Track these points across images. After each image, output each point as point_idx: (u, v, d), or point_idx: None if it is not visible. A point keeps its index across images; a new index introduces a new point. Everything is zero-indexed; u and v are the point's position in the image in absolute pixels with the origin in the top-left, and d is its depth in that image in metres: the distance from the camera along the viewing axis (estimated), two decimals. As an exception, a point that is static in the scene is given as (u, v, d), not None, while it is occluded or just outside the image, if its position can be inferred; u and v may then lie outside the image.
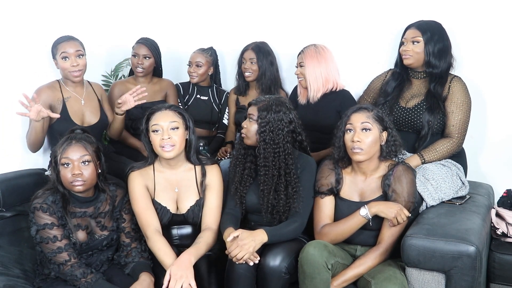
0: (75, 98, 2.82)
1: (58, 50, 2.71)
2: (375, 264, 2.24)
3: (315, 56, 2.86)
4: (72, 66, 2.71)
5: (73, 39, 2.75)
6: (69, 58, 2.71)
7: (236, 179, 2.43)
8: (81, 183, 2.22)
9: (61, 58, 2.70)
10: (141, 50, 3.17)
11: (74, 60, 2.71)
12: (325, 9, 3.16)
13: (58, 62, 2.73)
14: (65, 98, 2.78)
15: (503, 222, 2.57)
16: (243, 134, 2.41)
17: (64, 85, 2.81)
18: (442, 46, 2.64)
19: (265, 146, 2.33)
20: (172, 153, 2.31)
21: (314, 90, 2.88)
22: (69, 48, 2.70)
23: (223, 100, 3.41)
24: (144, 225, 2.32)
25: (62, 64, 2.72)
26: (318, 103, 2.91)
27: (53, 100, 2.75)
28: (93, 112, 2.87)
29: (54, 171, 2.25)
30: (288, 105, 2.41)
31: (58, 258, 2.19)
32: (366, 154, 2.27)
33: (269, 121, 2.33)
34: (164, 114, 2.34)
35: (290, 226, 2.31)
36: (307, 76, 2.87)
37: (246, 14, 3.39)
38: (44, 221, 2.20)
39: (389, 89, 2.77)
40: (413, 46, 2.66)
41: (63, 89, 2.80)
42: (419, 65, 2.70)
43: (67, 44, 2.71)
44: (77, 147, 2.23)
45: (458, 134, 2.61)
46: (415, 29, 2.67)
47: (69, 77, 2.75)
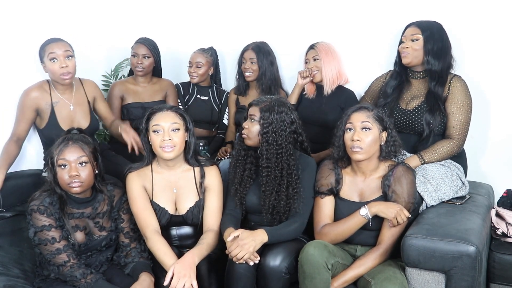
0: (63, 103, 2.73)
1: (46, 52, 2.60)
2: (375, 264, 2.24)
3: (329, 51, 2.95)
4: (61, 68, 2.60)
5: (61, 40, 2.64)
6: (58, 59, 2.59)
7: (236, 180, 2.43)
8: (79, 184, 2.20)
9: (49, 59, 2.59)
10: (140, 49, 3.17)
11: (63, 61, 2.60)
12: (325, 9, 3.16)
13: (46, 65, 2.62)
14: (54, 102, 2.70)
15: (503, 222, 2.56)
16: (244, 134, 2.41)
17: (54, 87, 2.72)
18: (441, 46, 2.63)
19: (267, 147, 2.33)
20: (171, 154, 2.31)
21: (330, 82, 2.94)
22: (57, 49, 2.59)
23: (223, 100, 3.41)
24: (143, 226, 2.32)
25: (51, 67, 2.60)
26: (323, 98, 2.95)
27: (41, 103, 2.67)
28: (83, 117, 2.79)
29: (51, 172, 2.23)
30: (290, 105, 2.41)
31: (57, 259, 2.19)
32: (365, 154, 2.27)
33: (271, 122, 2.33)
34: (166, 115, 2.33)
35: (290, 226, 2.31)
36: (324, 68, 2.92)
37: (246, 14, 3.39)
38: (41, 223, 2.19)
39: (389, 89, 2.77)
40: (412, 43, 2.64)
41: (52, 92, 2.70)
42: (417, 64, 2.69)
43: (55, 45, 2.61)
44: (74, 148, 2.22)
45: (459, 135, 2.60)
46: (415, 27, 2.66)
47: (59, 80, 2.65)
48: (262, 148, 2.34)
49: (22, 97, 2.67)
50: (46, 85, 2.72)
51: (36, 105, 2.67)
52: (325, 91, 2.94)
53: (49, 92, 2.70)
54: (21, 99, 2.67)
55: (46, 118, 2.68)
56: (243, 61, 3.24)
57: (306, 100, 3.03)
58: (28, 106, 2.66)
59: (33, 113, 2.68)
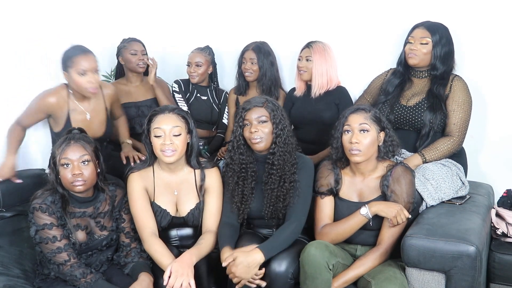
0: (80, 111, 2.68)
1: (74, 64, 2.53)
2: (375, 265, 2.24)
3: (323, 54, 2.91)
4: (88, 83, 2.56)
5: (90, 53, 2.58)
6: (86, 74, 2.55)
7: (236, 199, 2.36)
8: (82, 183, 2.22)
9: (77, 73, 2.53)
10: (138, 47, 3.19)
11: (92, 77, 2.56)
12: (325, 9, 3.16)
13: (71, 76, 2.55)
14: (70, 110, 2.64)
15: (503, 222, 2.56)
16: (257, 139, 2.31)
17: (72, 95, 2.65)
18: (448, 50, 2.65)
19: (281, 146, 2.30)
20: (172, 158, 2.30)
21: (319, 86, 2.92)
22: (87, 64, 2.54)
23: (222, 99, 3.41)
24: (140, 228, 2.31)
25: (78, 79, 2.55)
26: (317, 97, 2.94)
27: (57, 111, 2.62)
28: (98, 126, 2.75)
29: (53, 172, 2.24)
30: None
31: (57, 258, 2.19)
32: (364, 156, 2.27)
33: (280, 119, 2.33)
34: (167, 117, 2.31)
35: (286, 232, 2.27)
36: (314, 71, 2.91)
37: (246, 14, 3.38)
38: (43, 221, 2.20)
39: (390, 88, 2.77)
40: (421, 46, 2.65)
41: (70, 100, 2.64)
42: (424, 66, 2.70)
43: (85, 59, 2.54)
44: (76, 147, 2.23)
45: (459, 132, 2.60)
46: (424, 29, 2.66)
47: (83, 92, 2.60)
48: (276, 147, 2.30)
49: (39, 100, 2.61)
50: (65, 91, 2.65)
51: (51, 111, 2.63)
52: (313, 93, 2.93)
53: (67, 99, 2.64)
54: (37, 101, 2.62)
55: (61, 123, 2.65)
56: (243, 61, 3.23)
57: (299, 101, 3.00)
58: (42, 109, 2.62)
59: (44, 116, 2.66)
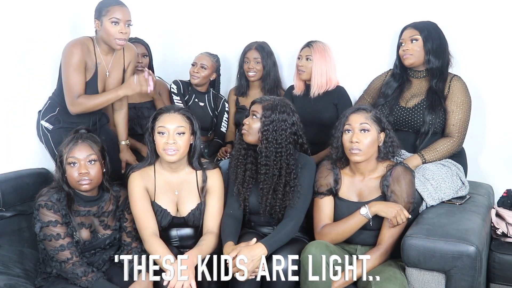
0: (103, 66, 2.67)
1: (109, 13, 2.55)
2: (375, 265, 2.24)
3: (324, 54, 2.90)
4: (120, 33, 2.56)
5: (126, 6, 2.61)
6: (119, 24, 2.55)
7: (238, 180, 2.41)
8: (88, 182, 2.25)
9: (111, 22, 2.54)
10: (139, 48, 3.17)
11: (124, 28, 2.57)
12: (325, 9, 3.16)
13: (104, 24, 2.56)
14: (98, 63, 2.63)
15: (503, 222, 2.57)
16: (244, 130, 2.40)
17: (98, 47, 2.64)
18: (439, 43, 2.66)
19: (267, 145, 2.32)
20: (174, 157, 2.30)
21: (318, 86, 2.91)
22: (122, 15, 2.56)
23: (220, 108, 3.37)
24: (141, 227, 2.31)
25: (110, 29, 2.55)
26: (316, 97, 2.93)
27: (88, 60, 2.59)
28: (114, 86, 2.72)
29: (60, 170, 2.27)
30: (292, 107, 2.41)
31: (60, 256, 2.21)
32: (364, 155, 2.27)
33: (273, 120, 2.32)
34: (172, 117, 2.32)
35: (286, 228, 2.28)
36: (314, 71, 2.90)
37: (245, 14, 3.38)
38: (48, 218, 2.22)
39: (389, 91, 2.77)
40: (412, 44, 2.67)
41: (97, 52, 2.63)
42: (420, 64, 2.70)
43: (120, 9, 2.57)
44: (84, 146, 2.26)
45: (459, 133, 2.61)
46: (412, 29, 2.69)
47: (112, 43, 2.59)
48: (261, 146, 2.34)
49: (70, 50, 2.56)
50: (90, 43, 2.64)
51: (83, 60, 2.58)
52: (312, 93, 2.92)
53: (94, 52, 2.63)
54: (69, 53, 2.56)
55: (88, 76, 2.61)
56: (246, 61, 3.22)
57: (298, 101, 2.98)
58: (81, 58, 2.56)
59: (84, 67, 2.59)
